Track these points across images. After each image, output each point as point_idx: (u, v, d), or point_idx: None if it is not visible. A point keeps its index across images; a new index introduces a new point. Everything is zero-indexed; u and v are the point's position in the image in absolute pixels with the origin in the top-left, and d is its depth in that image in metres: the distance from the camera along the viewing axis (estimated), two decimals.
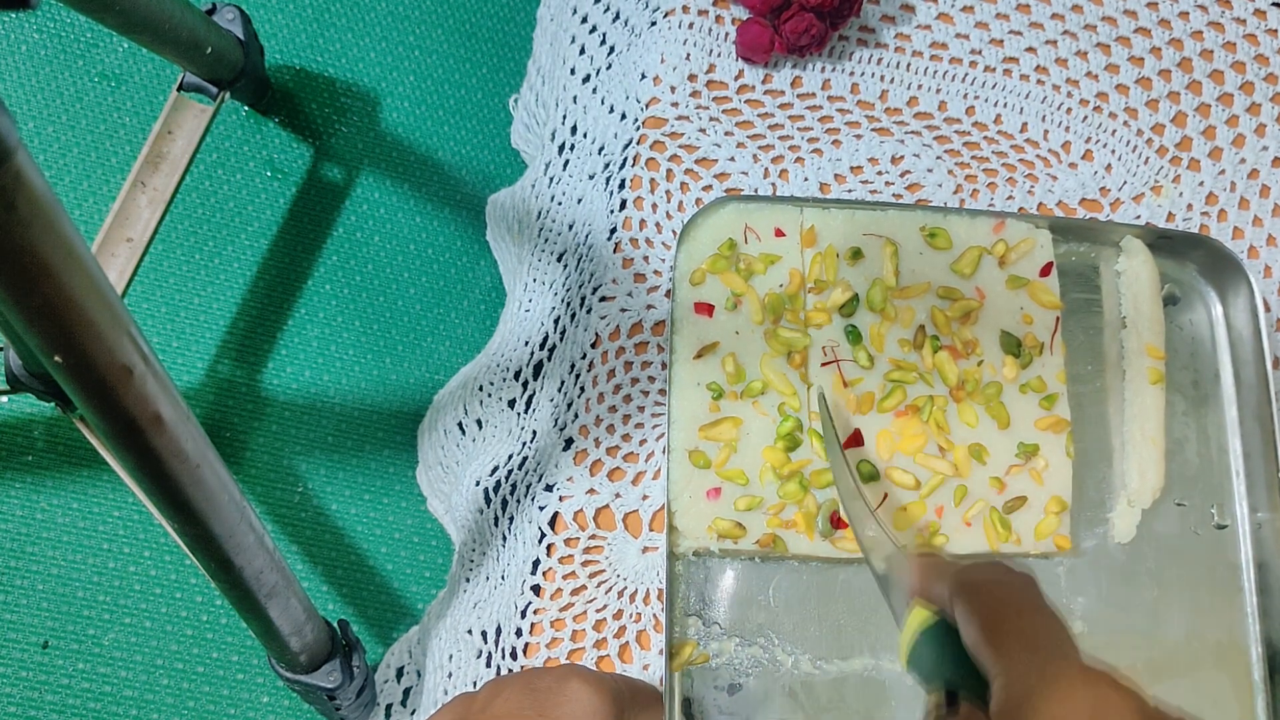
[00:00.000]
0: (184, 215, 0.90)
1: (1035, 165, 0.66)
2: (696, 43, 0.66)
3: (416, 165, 0.93)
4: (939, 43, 0.68)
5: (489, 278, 0.90)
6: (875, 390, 0.56)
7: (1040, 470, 0.56)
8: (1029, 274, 0.58)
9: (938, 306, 0.57)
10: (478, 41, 0.97)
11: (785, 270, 0.57)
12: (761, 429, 0.55)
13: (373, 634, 0.82)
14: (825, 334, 0.56)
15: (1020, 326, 0.58)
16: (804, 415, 0.55)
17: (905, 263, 0.58)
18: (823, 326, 0.56)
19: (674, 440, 0.55)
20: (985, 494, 0.55)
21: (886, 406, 0.56)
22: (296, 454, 0.85)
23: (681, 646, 0.53)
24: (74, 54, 0.93)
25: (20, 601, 0.80)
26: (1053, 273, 0.59)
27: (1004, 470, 0.56)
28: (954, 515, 0.55)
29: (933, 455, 0.55)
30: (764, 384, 0.55)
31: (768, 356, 0.56)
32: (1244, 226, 0.66)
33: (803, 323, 0.57)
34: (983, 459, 0.56)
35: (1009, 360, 0.57)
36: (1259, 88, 0.68)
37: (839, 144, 0.65)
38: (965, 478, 0.55)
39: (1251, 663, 0.56)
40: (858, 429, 0.55)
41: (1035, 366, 0.57)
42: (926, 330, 0.57)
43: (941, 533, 0.55)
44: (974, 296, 0.58)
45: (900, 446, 0.55)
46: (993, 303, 0.58)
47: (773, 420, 0.55)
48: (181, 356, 0.87)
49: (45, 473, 0.83)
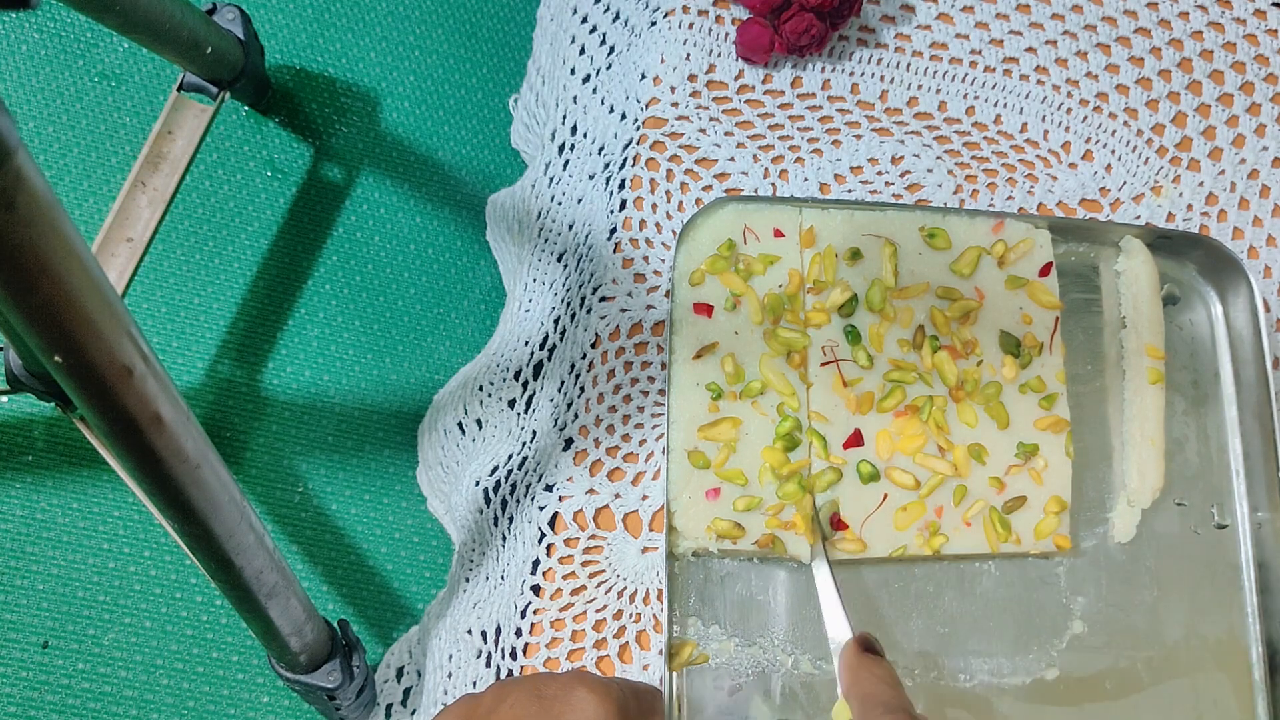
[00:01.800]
0: (184, 215, 0.90)
1: (1035, 165, 0.66)
2: (696, 43, 0.66)
3: (416, 165, 0.93)
4: (939, 43, 0.68)
5: (489, 278, 0.90)
6: (875, 390, 0.56)
7: (1040, 470, 0.56)
8: (1028, 274, 0.58)
9: (937, 306, 0.57)
10: (478, 41, 0.97)
11: (784, 270, 0.57)
12: (760, 429, 0.55)
13: (373, 634, 0.82)
14: (824, 334, 0.56)
15: (1020, 326, 0.58)
16: (803, 415, 0.55)
17: (904, 263, 0.58)
18: (822, 326, 0.56)
19: (673, 440, 0.55)
20: (985, 494, 0.55)
21: (886, 406, 0.56)
22: (296, 454, 0.85)
23: (681, 647, 0.53)
24: (74, 54, 0.92)
25: (20, 601, 0.80)
26: (1052, 273, 0.59)
27: (1003, 470, 0.56)
28: (954, 515, 0.55)
29: (932, 455, 0.55)
30: (763, 384, 0.55)
31: (767, 356, 0.56)
32: (1244, 227, 0.66)
33: (802, 323, 0.57)
34: (982, 459, 0.56)
35: (1008, 360, 0.57)
36: (1259, 88, 0.68)
37: (839, 144, 0.65)
38: (965, 477, 0.55)
39: (1252, 663, 0.56)
40: (858, 429, 0.55)
41: (1035, 366, 0.57)
42: (926, 330, 0.57)
43: (941, 532, 0.55)
44: (973, 296, 0.58)
45: (900, 446, 0.55)
46: (992, 303, 0.58)
47: (772, 420, 0.55)
48: (181, 356, 0.87)
49: (45, 473, 0.83)
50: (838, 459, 0.55)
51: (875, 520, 0.54)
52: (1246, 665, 0.56)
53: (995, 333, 0.57)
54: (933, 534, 0.55)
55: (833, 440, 0.55)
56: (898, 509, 0.55)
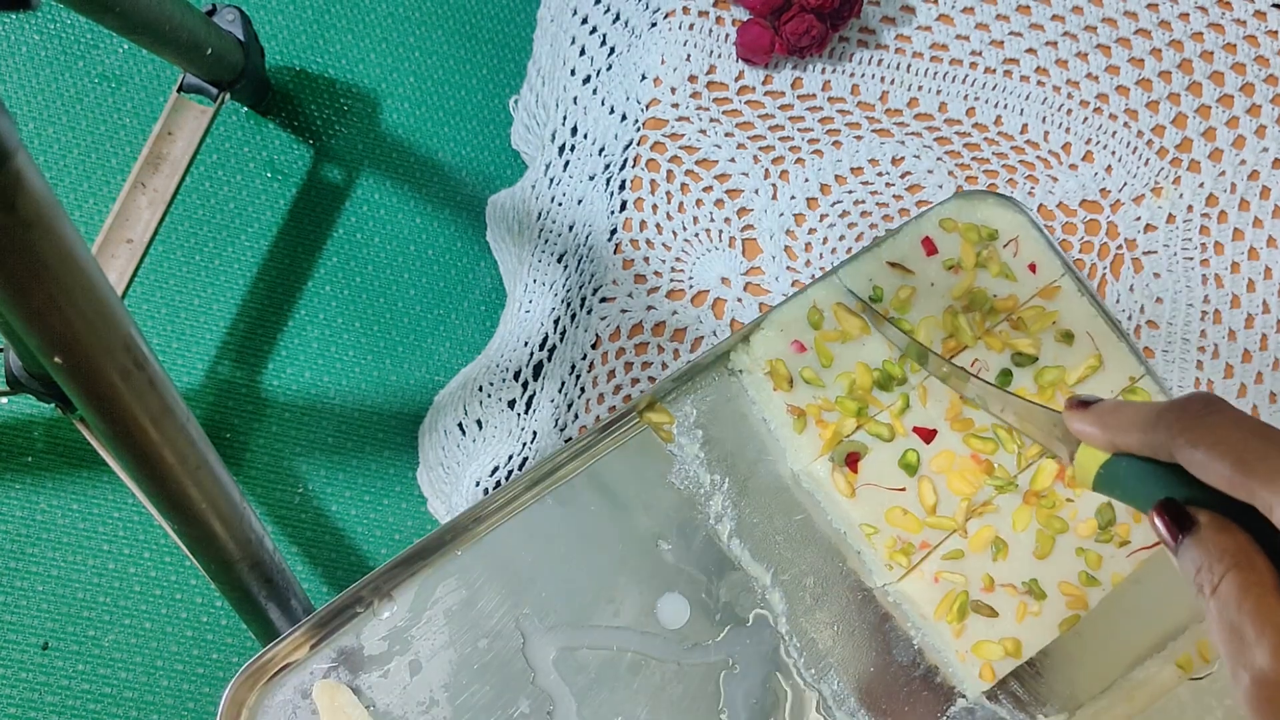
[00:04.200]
0: (184, 216, 0.90)
1: (1036, 166, 0.66)
2: (697, 44, 0.66)
3: (417, 166, 0.93)
4: (939, 44, 0.68)
5: (489, 279, 0.90)
6: (974, 419, 0.55)
7: (1032, 612, 0.53)
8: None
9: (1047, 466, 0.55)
10: (478, 43, 0.97)
11: (1010, 289, 0.57)
12: (872, 352, 0.56)
13: None
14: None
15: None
16: (914, 379, 0.55)
17: (1090, 384, 0.56)
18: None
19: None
20: (969, 575, 0.53)
21: (973, 444, 0.54)
22: (296, 455, 0.85)
23: (663, 411, 0.55)
24: (74, 55, 0.93)
25: (20, 602, 0.80)
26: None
27: (1001, 579, 0.53)
28: (930, 562, 0.53)
29: (962, 504, 0.53)
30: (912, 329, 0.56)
31: (932, 321, 0.56)
32: (1244, 228, 0.66)
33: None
34: (996, 554, 0.53)
35: (1093, 522, 0.54)
36: (1259, 89, 0.68)
37: (839, 145, 0.65)
38: (967, 546, 0.53)
39: None
40: (936, 430, 0.54)
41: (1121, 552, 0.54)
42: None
43: (902, 554, 0.53)
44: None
45: (951, 472, 0.54)
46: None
47: (888, 352, 0.56)
48: (181, 357, 0.87)
49: (45, 474, 0.83)
50: (901, 426, 0.54)
51: (876, 492, 0.54)
52: None
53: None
54: (897, 552, 0.53)
55: (911, 415, 0.55)
56: (897, 506, 0.54)
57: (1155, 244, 0.65)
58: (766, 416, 0.56)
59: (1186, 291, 0.64)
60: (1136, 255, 0.65)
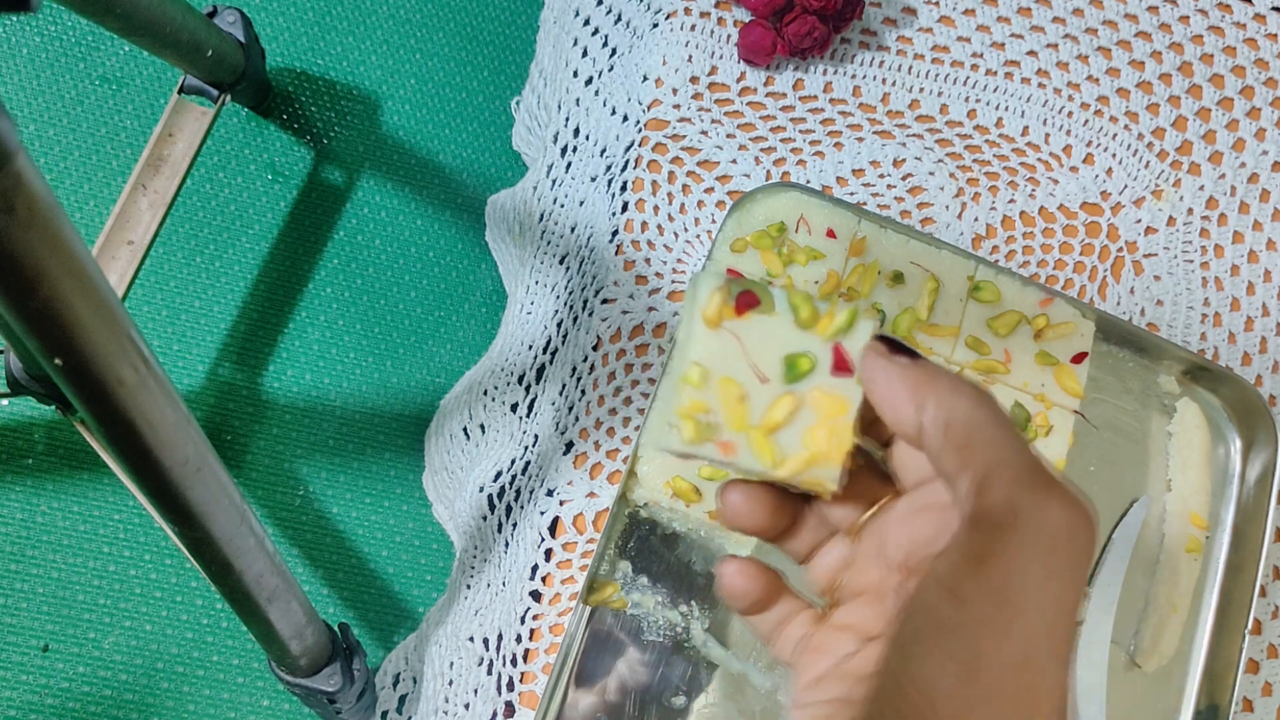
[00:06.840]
0: (185, 218, 0.90)
1: (1036, 169, 0.66)
2: (698, 45, 0.66)
3: (418, 168, 0.93)
4: (941, 46, 0.68)
5: (490, 280, 0.90)
6: None
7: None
8: (1062, 356, 0.57)
9: (960, 355, 0.57)
10: (479, 44, 0.97)
11: (824, 270, 0.57)
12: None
13: (373, 637, 0.82)
14: None
15: (1034, 404, 0.57)
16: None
17: (942, 303, 0.57)
18: None
19: (661, 390, 0.54)
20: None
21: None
22: (297, 457, 0.85)
23: (604, 585, 0.54)
24: (75, 57, 0.93)
25: (21, 605, 0.80)
26: (1085, 364, 0.57)
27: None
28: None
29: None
30: None
31: None
32: (1244, 231, 0.66)
33: None
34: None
35: None
36: (1259, 92, 0.68)
37: (841, 146, 0.65)
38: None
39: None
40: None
41: (1038, 445, 0.56)
42: None
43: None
44: (1000, 358, 0.57)
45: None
46: (1016, 371, 0.57)
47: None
48: (182, 359, 0.87)
49: (46, 476, 0.83)
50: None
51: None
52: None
53: (1010, 400, 0.56)
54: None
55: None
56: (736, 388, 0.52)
57: (1155, 246, 0.65)
58: (692, 526, 0.56)
59: (1187, 294, 0.64)
60: (1137, 258, 0.65)
